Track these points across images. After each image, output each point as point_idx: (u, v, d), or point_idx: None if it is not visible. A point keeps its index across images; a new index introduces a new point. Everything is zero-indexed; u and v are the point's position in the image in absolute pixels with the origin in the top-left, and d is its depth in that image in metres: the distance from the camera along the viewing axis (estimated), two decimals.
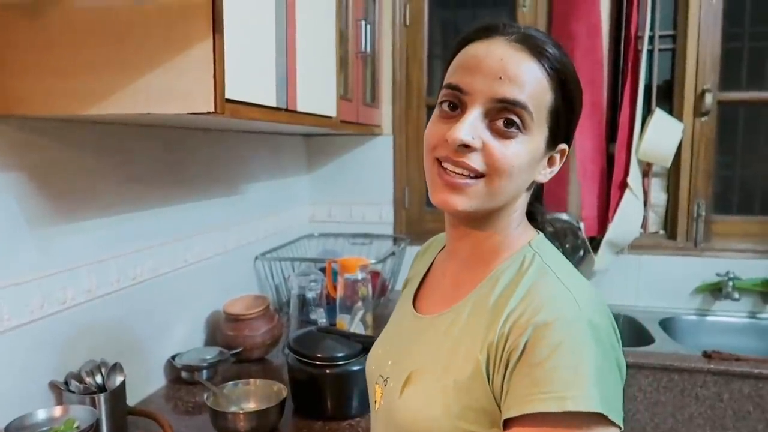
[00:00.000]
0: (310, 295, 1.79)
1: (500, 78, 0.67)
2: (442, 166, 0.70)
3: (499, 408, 0.66)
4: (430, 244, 0.95)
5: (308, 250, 2.35)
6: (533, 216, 0.81)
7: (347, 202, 2.48)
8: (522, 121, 0.68)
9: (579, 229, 2.09)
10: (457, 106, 0.70)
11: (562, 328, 0.63)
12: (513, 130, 0.68)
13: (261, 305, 1.66)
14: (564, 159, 0.76)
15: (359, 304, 1.60)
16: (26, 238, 1.07)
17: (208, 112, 0.89)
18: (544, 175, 0.75)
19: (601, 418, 0.62)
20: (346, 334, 1.40)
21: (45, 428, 1.00)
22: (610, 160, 2.13)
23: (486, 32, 0.71)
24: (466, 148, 0.68)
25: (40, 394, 1.10)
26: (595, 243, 2.11)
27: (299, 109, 1.33)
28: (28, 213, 1.07)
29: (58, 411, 1.04)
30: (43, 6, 0.91)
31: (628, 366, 0.70)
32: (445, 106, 0.71)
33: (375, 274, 1.97)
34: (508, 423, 0.64)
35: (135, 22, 0.88)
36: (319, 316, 1.58)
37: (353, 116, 1.91)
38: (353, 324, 1.53)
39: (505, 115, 0.68)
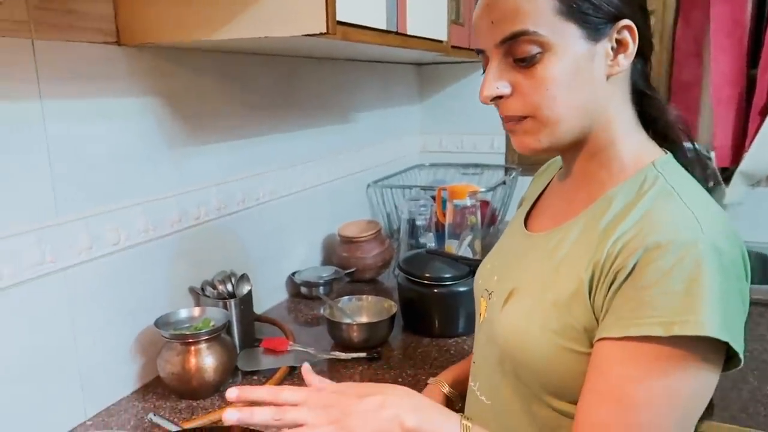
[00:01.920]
0: (419, 221, 1.83)
1: (492, 23, 0.68)
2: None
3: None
4: (549, 165, 0.94)
5: (419, 179, 2.39)
6: (652, 117, 0.75)
7: (458, 131, 2.46)
8: (536, 43, 0.66)
9: (709, 158, 1.93)
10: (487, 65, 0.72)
11: (676, 252, 0.59)
12: (531, 56, 0.66)
13: (373, 229, 1.73)
14: (635, 35, 0.68)
15: (468, 230, 1.62)
16: (165, 157, 1.19)
17: (321, 33, 0.92)
18: (614, 65, 0.68)
19: (717, 345, 0.59)
20: (454, 257, 1.43)
21: (186, 324, 1.14)
22: (750, 84, 1.93)
23: None
24: (499, 98, 0.70)
25: (180, 297, 1.25)
26: (728, 174, 1.95)
27: (409, 32, 1.33)
28: (165, 135, 1.19)
29: (197, 311, 1.17)
30: None
31: (759, 304, 0.66)
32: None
33: (485, 204, 1.97)
34: (606, 343, 0.63)
35: None
36: (428, 240, 1.62)
37: (464, 42, 1.86)
38: (461, 249, 1.55)
39: (516, 49, 0.67)
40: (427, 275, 1.35)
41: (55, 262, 0.97)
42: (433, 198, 1.96)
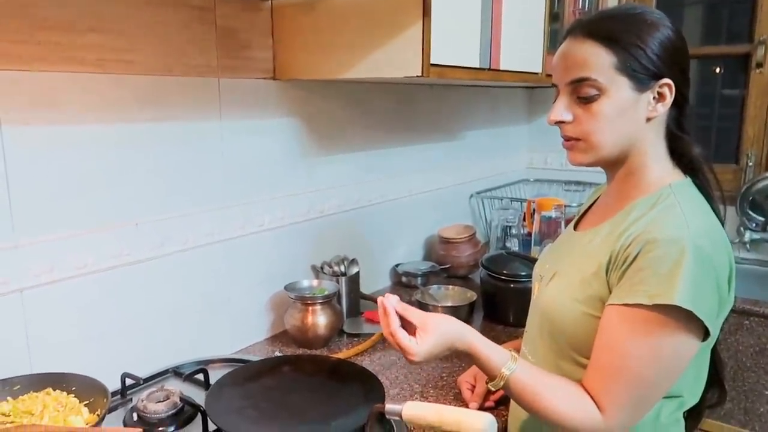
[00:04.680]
0: (513, 229, 2.06)
1: (566, 67, 0.90)
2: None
3: None
4: (601, 186, 1.16)
5: (522, 193, 2.60)
6: (679, 152, 0.95)
7: (564, 150, 2.61)
8: (595, 87, 0.87)
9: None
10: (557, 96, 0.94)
11: (665, 245, 0.82)
12: (590, 96, 0.88)
13: (468, 233, 2.00)
14: (673, 91, 0.88)
15: (551, 239, 1.82)
16: (300, 164, 1.56)
17: (418, 76, 1.22)
18: (653, 111, 0.89)
19: (688, 315, 0.80)
20: (530, 259, 1.66)
21: (307, 291, 1.49)
22: None
23: (562, 39, 0.93)
24: (561, 123, 0.92)
25: (304, 271, 1.61)
26: None
27: (502, 67, 1.58)
28: (301, 147, 1.55)
29: (315, 282, 1.53)
30: (314, 5, 1.33)
31: None
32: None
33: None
34: (611, 308, 0.86)
35: (370, 12, 1.25)
36: (513, 245, 1.85)
37: None
38: (541, 253, 1.76)
39: (580, 90, 0.89)
40: (505, 272, 1.59)
41: (219, 234, 1.36)
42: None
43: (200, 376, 1.15)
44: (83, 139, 1.10)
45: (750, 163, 2.23)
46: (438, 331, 0.91)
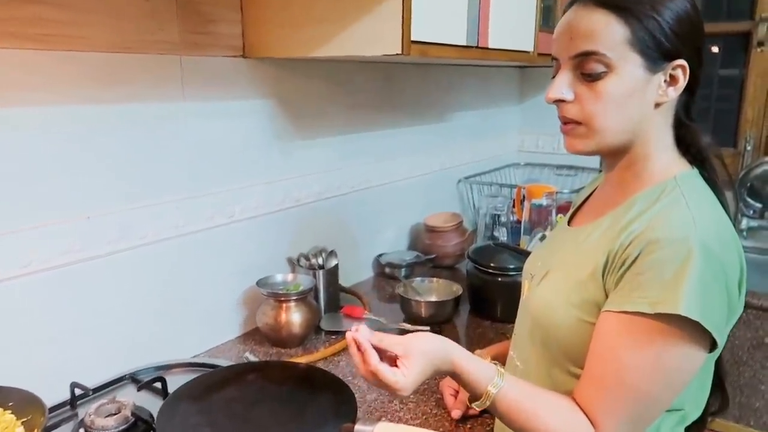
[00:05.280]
0: (502, 217, 1.97)
1: (570, 38, 0.79)
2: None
3: None
4: (598, 177, 1.06)
5: (512, 177, 2.50)
6: (687, 142, 0.85)
7: (556, 132, 2.50)
8: (603, 63, 0.77)
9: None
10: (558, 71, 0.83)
11: (669, 246, 0.73)
12: (596, 73, 0.77)
13: (455, 221, 1.90)
14: (687, 74, 0.79)
15: (541, 228, 1.73)
16: (274, 149, 1.45)
17: (397, 54, 1.11)
18: (663, 95, 0.79)
19: (694, 325, 0.71)
20: (519, 251, 1.57)
21: (281, 287, 1.39)
22: None
23: (567, 6, 0.82)
24: (561, 102, 0.81)
25: (279, 264, 1.51)
26: None
27: (491, 45, 1.47)
28: (276, 130, 1.44)
29: (290, 277, 1.43)
30: None
31: None
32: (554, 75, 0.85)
33: (568, 204, 2.06)
34: (607, 314, 0.77)
35: None
36: (501, 235, 1.76)
37: None
38: (531, 244, 1.68)
39: (585, 65, 0.78)
40: (492, 265, 1.50)
41: (185, 226, 1.26)
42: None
43: (158, 385, 1.05)
44: (26, 123, 0.99)
45: (748, 147, 2.15)
46: (421, 354, 0.81)
